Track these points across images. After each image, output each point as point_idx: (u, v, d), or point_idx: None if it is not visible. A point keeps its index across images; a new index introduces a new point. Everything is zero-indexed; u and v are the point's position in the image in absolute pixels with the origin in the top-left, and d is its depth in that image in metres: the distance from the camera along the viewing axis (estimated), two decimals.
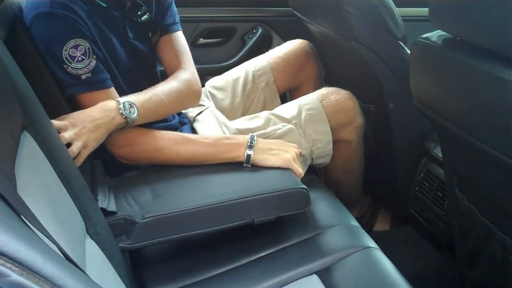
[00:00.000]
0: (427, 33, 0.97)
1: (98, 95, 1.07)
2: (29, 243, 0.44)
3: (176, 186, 1.09)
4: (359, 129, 1.37)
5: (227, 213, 1.02)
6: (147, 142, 1.11)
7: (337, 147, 1.35)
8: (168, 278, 1.03)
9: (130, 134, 1.10)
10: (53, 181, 0.76)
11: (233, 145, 1.14)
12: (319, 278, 0.98)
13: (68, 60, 1.02)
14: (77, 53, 1.03)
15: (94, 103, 1.05)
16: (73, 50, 1.02)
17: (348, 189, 1.49)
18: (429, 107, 1.03)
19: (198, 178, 1.11)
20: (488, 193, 1.02)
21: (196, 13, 1.88)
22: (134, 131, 1.10)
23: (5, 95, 0.68)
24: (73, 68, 1.03)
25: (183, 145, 1.13)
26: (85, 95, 1.07)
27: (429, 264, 1.48)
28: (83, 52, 1.04)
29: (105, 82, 1.09)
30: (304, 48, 1.57)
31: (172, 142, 1.12)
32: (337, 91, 1.35)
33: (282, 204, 1.05)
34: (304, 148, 1.27)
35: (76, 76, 1.04)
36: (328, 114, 1.30)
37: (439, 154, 1.28)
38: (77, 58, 1.03)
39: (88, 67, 1.04)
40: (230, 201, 1.01)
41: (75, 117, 1.01)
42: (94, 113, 1.03)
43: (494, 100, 0.83)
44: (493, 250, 1.04)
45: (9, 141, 0.63)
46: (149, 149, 1.12)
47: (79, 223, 0.80)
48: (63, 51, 1.02)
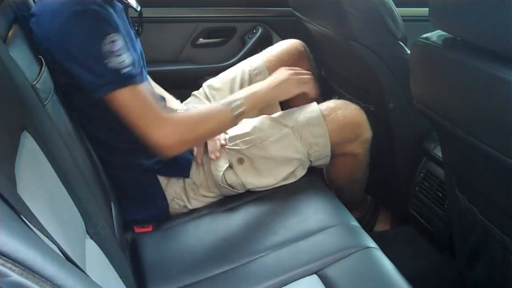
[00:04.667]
0: (427, 33, 0.97)
1: (138, 89, 1.05)
2: (29, 243, 0.44)
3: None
4: (366, 143, 1.34)
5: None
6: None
7: (343, 160, 1.34)
8: (168, 278, 1.03)
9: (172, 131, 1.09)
10: (53, 181, 0.76)
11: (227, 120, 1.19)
12: (319, 278, 0.98)
13: (109, 54, 1.00)
14: (115, 48, 1.01)
15: (134, 98, 1.04)
16: (111, 45, 1.00)
17: (351, 195, 1.49)
18: (429, 107, 1.03)
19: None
20: (488, 193, 1.02)
21: (196, 13, 1.88)
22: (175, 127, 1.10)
23: (5, 95, 0.68)
24: (114, 62, 1.00)
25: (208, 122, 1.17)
26: (124, 90, 1.03)
27: (429, 264, 1.48)
28: (120, 47, 1.02)
29: (142, 76, 1.08)
30: (297, 47, 1.57)
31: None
32: (346, 105, 1.32)
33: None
34: (300, 153, 1.27)
35: (116, 71, 1.01)
36: (334, 129, 1.28)
37: (439, 154, 1.28)
38: (116, 53, 1.01)
39: (127, 61, 1.02)
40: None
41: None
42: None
43: (494, 100, 0.83)
44: (493, 250, 1.04)
45: (9, 141, 0.63)
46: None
47: (79, 223, 0.80)
48: (103, 46, 0.99)
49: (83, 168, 0.96)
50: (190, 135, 1.12)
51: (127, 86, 1.03)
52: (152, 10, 1.77)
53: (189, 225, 1.21)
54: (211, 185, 1.26)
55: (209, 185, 1.26)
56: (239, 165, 1.24)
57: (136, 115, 1.05)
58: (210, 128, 1.17)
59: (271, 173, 1.26)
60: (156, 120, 1.06)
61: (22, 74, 0.84)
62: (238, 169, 1.24)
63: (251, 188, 1.26)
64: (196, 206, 1.27)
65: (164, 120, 1.07)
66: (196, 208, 1.27)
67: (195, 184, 1.26)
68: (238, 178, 1.24)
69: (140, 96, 1.05)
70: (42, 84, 0.95)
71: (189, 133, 1.12)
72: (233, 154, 1.25)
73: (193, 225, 1.20)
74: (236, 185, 1.25)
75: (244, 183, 1.24)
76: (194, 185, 1.26)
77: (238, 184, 1.24)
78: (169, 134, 1.07)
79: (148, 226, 1.22)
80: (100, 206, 0.96)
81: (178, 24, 1.87)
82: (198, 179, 1.26)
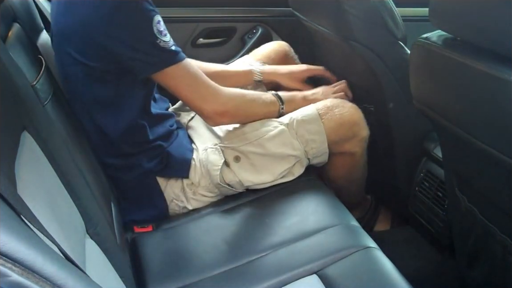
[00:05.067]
0: (427, 33, 0.97)
1: (186, 63, 1.12)
2: (29, 243, 0.44)
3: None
4: (363, 141, 1.35)
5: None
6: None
7: (340, 159, 1.35)
8: (168, 278, 1.03)
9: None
10: (53, 181, 0.76)
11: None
12: (319, 278, 0.98)
13: (158, 35, 1.06)
14: (161, 28, 1.07)
15: (186, 71, 1.12)
16: (158, 25, 1.07)
17: (349, 195, 1.49)
18: (429, 107, 1.03)
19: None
20: (488, 193, 1.02)
21: (196, 13, 1.88)
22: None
23: (5, 95, 0.68)
24: (164, 41, 1.07)
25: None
26: (176, 66, 1.10)
27: (429, 264, 1.48)
28: (164, 27, 1.08)
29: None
30: (283, 47, 1.62)
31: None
32: (342, 103, 1.33)
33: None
34: (297, 149, 1.27)
35: (166, 49, 1.08)
36: (332, 127, 1.29)
37: (439, 154, 1.28)
38: (163, 32, 1.07)
39: (171, 40, 1.10)
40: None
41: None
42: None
43: (494, 100, 0.83)
44: (493, 250, 1.04)
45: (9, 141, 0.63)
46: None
47: (79, 223, 0.80)
48: (153, 27, 1.05)
49: (83, 168, 0.96)
50: (242, 108, 1.24)
51: (177, 63, 1.10)
52: None
53: (189, 225, 1.21)
54: (209, 185, 1.26)
55: (208, 185, 1.26)
56: (236, 163, 1.25)
57: (188, 88, 1.14)
58: (259, 110, 1.29)
59: (268, 169, 1.26)
60: (207, 91, 1.15)
61: (22, 74, 0.84)
62: (235, 167, 1.24)
63: (249, 185, 1.26)
64: (195, 206, 1.27)
65: (217, 91, 1.17)
66: (196, 208, 1.27)
67: (194, 185, 1.26)
68: (235, 176, 1.24)
69: (190, 70, 1.13)
70: (42, 84, 0.95)
71: (241, 107, 1.24)
72: (229, 152, 1.25)
73: (193, 225, 1.20)
74: (234, 183, 1.25)
75: (241, 181, 1.24)
76: (193, 186, 1.26)
77: (236, 183, 1.25)
78: (224, 102, 1.18)
79: (148, 226, 1.22)
80: (100, 206, 0.96)
81: (178, 24, 1.87)
82: (197, 180, 1.26)
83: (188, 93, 1.15)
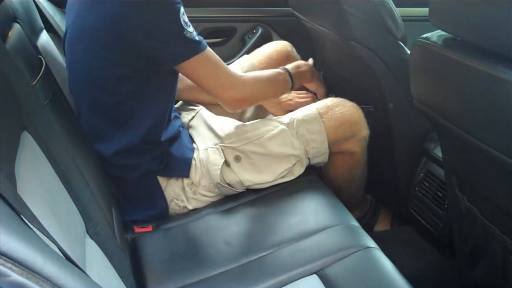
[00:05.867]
0: (427, 33, 0.97)
1: (209, 53, 1.14)
2: (29, 243, 0.44)
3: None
4: (363, 141, 1.35)
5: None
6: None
7: (340, 158, 1.35)
8: (168, 278, 1.03)
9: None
10: (53, 181, 0.76)
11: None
12: (319, 278, 0.98)
13: (184, 26, 1.08)
14: (186, 19, 1.09)
15: (209, 60, 1.14)
16: (184, 16, 1.09)
17: (349, 195, 1.49)
18: (429, 107, 1.03)
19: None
20: (488, 193, 1.02)
21: (196, 13, 1.88)
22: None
23: (5, 95, 0.68)
24: (189, 32, 1.09)
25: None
26: (200, 55, 1.12)
27: (429, 264, 1.48)
28: (187, 18, 1.10)
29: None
30: (285, 47, 1.61)
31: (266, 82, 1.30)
32: (343, 102, 1.33)
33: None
34: (297, 149, 1.27)
35: (192, 40, 1.10)
36: (332, 127, 1.29)
37: (439, 154, 1.28)
38: (188, 23, 1.09)
39: (194, 31, 1.11)
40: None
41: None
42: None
43: (494, 100, 0.83)
44: (493, 250, 1.04)
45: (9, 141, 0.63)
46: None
47: (79, 223, 0.80)
48: (180, 19, 1.07)
49: (83, 168, 0.96)
50: (260, 92, 1.28)
51: (201, 52, 1.12)
52: None
53: (189, 225, 1.20)
54: (210, 184, 1.26)
55: (208, 185, 1.26)
56: (236, 162, 1.25)
57: (210, 77, 1.16)
58: (275, 90, 1.34)
59: (268, 169, 1.26)
60: (227, 80, 1.18)
61: (22, 74, 0.84)
62: (235, 167, 1.24)
63: (249, 185, 1.26)
64: (196, 206, 1.27)
65: (236, 79, 1.20)
66: (196, 208, 1.27)
67: (194, 184, 1.26)
68: (235, 176, 1.24)
69: (212, 59, 1.15)
70: (42, 84, 0.95)
71: (259, 91, 1.27)
72: (230, 152, 1.25)
73: (193, 225, 1.20)
74: (235, 183, 1.25)
75: (242, 180, 1.24)
76: (193, 185, 1.26)
77: (236, 182, 1.25)
78: (243, 89, 1.20)
79: (148, 226, 1.22)
80: (100, 206, 0.96)
81: None
82: (197, 179, 1.26)
83: (210, 81, 1.17)
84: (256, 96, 1.28)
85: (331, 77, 1.73)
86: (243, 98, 1.22)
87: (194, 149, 1.29)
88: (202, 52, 1.12)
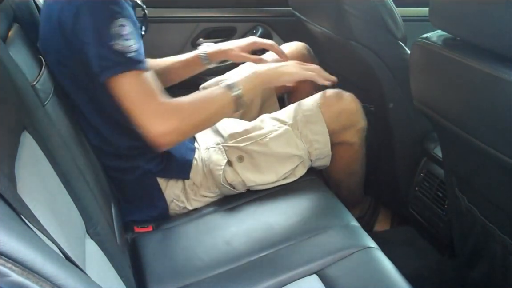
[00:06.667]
0: (427, 33, 0.97)
1: (142, 75, 1.04)
2: (29, 243, 0.44)
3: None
4: (361, 131, 1.36)
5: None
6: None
7: (339, 150, 1.34)
8: (168, 278, 1.03)
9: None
10: (53, 181, 0.76)
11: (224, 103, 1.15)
12: (319, 278, 0.98)
13: (117, 37, 1.00)
14: (124, 32, 1.01)
15: (136, 83, 1.03)
16: (120, 28, 1.01)
17: (349, 191, 1.49)
18: (429, 107, 1.03)
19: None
20: (488, 193, 1.02)
21: (196, 13, 1.88)
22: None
23: (5, 95, 0.68)
24: (121, 45, 1.01)
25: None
26: (127, 74, 1.03)
27: (429, 264, 1.48)
28: (128, 32, 1.02)
29: (145, 64, 1.07)
30: (300, 51, 1.57)
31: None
32: (340, 93, 1.33)
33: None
34: (301, 149, 1.27)
35: (122, 54, 1.01)
36: (330, 117, 1.29)
37: (439, 154, 1.28)
38: (124, 37, 1.01)
39: (134, 46, 1.02)
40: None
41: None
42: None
43: (494, 100, 0.83)
44: (493, 250, 1.04)
45: (9, 141, 0.63)
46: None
47: (79, 223, 0.80)
48: (112, 28, 1.00)
49: (83, 168, 0.96)
50: (190, 122, 1.09)
51: (131, 70, 1.03)
52: (152, 10, 1.76)
53: (189, 225, 1.21)
54: (211, 185, 1.26)
55: (209, 185, 1.26)
56: (239, 162, 1.24)
57: (136, 101, 1.04)
58: (210, 114, 1.14)
59: (271, 170, 1.26)
60: (155, 109, 1.04)
61: (22, 74, 0.84)
62: (238, 167, 1.24)
63: (252, 185, 1.26)
64: (196, 206, 1.27)
65: (164, 109, 1.05)
66: (196, 208, 1.27)
67: (195, 185, 1.26)
68: (238, 176, 1.24)
69: (143, 82, 1.04)
70: (42, 84, 0.95)
71: (188, 120, 1.09)
72: (233, 152, 1.25)
73: (193, 225, 1.20)
74: (236, 183, 1.24)
75: (244, 180, 1.24)
76: (194, 186, 1.26)
77: (238, 183, 1.24)
78: (167, 122, 1.05)
79: (148, 226, 1.22)
80: (100, 206, 0.96)
81: (178, 24, 1.87)
82: (198, 180, 1.26)
83: (134, 107, 1.04)
84: (185, 127, 1.09)
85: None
86: (170, 132, 1.06)
87: (195, 149, 1.29)
88: (132, 71, 1.02)
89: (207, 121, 1.16)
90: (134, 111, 1.04)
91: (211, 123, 1.20)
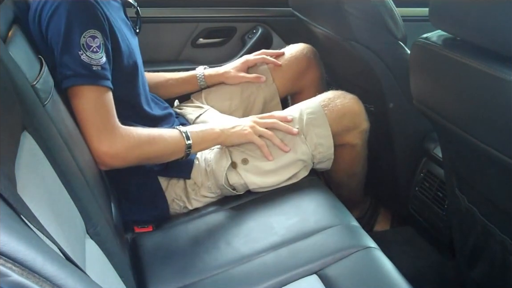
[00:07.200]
0: (427, 33, 0.97)
1: (102, 91, 1.04)
2: (29, 243, 0.44)
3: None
4: (364, 133, 1.36)
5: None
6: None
7: (341, 151, 1.34)
8: (168, 278, 1.03)
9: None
10: (53, 181, 0.76)
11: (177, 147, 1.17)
12: (319, 278, 0.98)
13: (84, 47, 1.00)
14: (93, 44, 1.01)
15: (95, 98, 1.03)
16: (90, 39, 1.01)
17: (350, 191, 1.49)
18: (429, 107, 1.03)
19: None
20: (488, 193, 1.02)
21: (196, 13, 1.88)
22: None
23: (5, 95, 0.68)
24: (87, 56, 1.01)
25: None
26: (89, 87, 1.03)
27: (429, 264, 1.48)
28: (98, 45, 1.02)
29: (109, 82, 1.07)
30: (306, 53, 1.56)
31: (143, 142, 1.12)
32: (344, 95, 1.33)
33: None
34: (306, 153, 1.26)
35: (87, 66, 1.01)
36: (334, 118, 1.28)
37: (439, 154, 1.28)
38: (92, 48, 1.01)
39: (101, 60, 1.02)
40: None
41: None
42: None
43: (494, 100, 0.83)
44: (493, 250, 1.04)
45: (9, 141, 0.63)
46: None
47: (79, 223, 0.80)
48: (82, 37, 1.00)
49: (83, 168, 0.96)
50: (136, 151, 1.09)
51: (92, 85, 1.02)
52: (152, 10, 1.77)
53: (189, 225, 1.21)
54: (212, 185, 1.26)
55: (210, 185, 1.26)
56: (243, 165, 1.24)
57: (90, 116, 1.03)
58: (157, 152, 1.15)
59: (275, 173, 1.26)
60: (105, 129, 1.04)
61: (22, 74, 0.84)
62: (242, 169, 1.24)
63: (254, 188, 1.26)
64: (196, 206, 1.27)
65: (115, 131, 1.06)
66: (196, 208, 1.27)
67: (196, 185, 1.26)
68: (241, 179, 1.23)
69: (102, 100, 1.04)
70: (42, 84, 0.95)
71: (135, 149, 1.09)
72: (238, 154, 1.25)
73: (193, 225, 1.20)
74: (238, 185, 1.24)
75: (247, 183, 1.24)
76: (195, 186, 1.26)
77: (240, 185, 1.24)
78: (114, 144, 1.05)
79: (148, 226, 1.22)
80: (100, 206, 0.96)
81: (178, 24, 1.87)
82: (200, 180, 1.26)
83: (86, 121, 1.04)
84: (130, 154, 1.09)
85: (331, 77, 1.73)
86: (115, 154, 1.06)
87: None
88: (90, 86, 1.02)
89: (153, 157, 1.16)
90: (85, 125, 1.04)
91: (156, 160, 1.20)
